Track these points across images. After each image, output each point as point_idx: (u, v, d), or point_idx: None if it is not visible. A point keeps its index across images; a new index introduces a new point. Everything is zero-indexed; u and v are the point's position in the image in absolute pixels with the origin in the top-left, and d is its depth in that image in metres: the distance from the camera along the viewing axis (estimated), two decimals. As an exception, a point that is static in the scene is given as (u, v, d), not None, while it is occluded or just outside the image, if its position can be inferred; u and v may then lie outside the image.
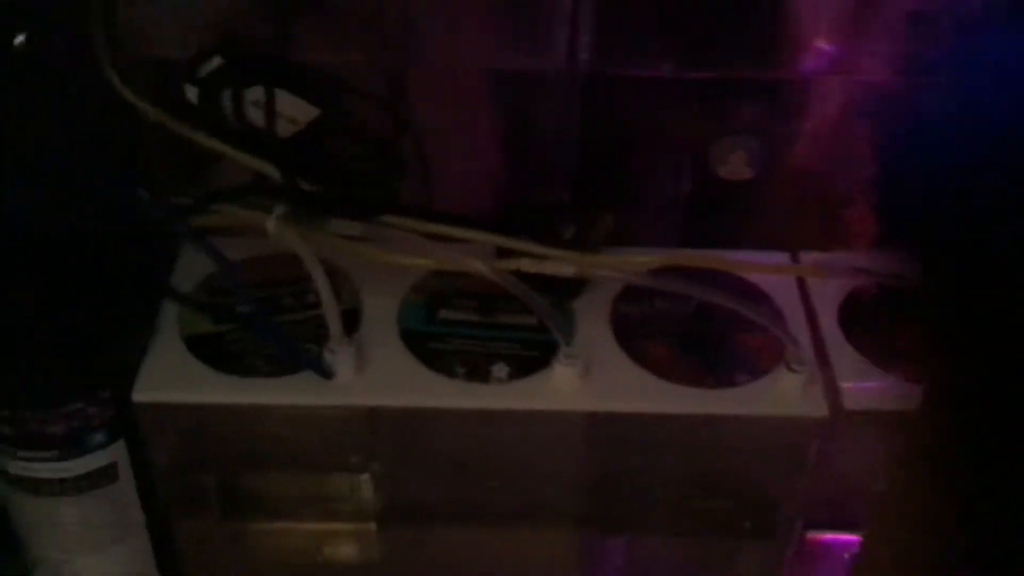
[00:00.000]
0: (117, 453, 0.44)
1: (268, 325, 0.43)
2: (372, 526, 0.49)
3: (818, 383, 0.44)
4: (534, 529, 0.49)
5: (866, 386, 0.45)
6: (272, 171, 0.42)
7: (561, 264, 0.43)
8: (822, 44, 0.45)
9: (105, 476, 0.44)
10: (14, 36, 0.41)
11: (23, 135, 0.43)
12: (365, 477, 0.47)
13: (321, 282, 0.42)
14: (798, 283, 0.49)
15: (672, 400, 0.44)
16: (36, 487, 0.44)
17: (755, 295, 0.48)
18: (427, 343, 0.45)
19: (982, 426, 0.31)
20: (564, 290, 0.46)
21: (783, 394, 0.44)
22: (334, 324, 0.42)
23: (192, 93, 0.42)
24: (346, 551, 0.50)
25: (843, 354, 0.46)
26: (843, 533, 0.49)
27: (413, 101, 0.45)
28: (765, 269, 0.48)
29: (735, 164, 0.48)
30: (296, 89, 0.41)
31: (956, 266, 0.32)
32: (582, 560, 0.50)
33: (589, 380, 0.44)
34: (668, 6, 0.43)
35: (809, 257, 0.49)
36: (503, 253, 0.46)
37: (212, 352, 0.44)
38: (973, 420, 0.32)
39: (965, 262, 0.31)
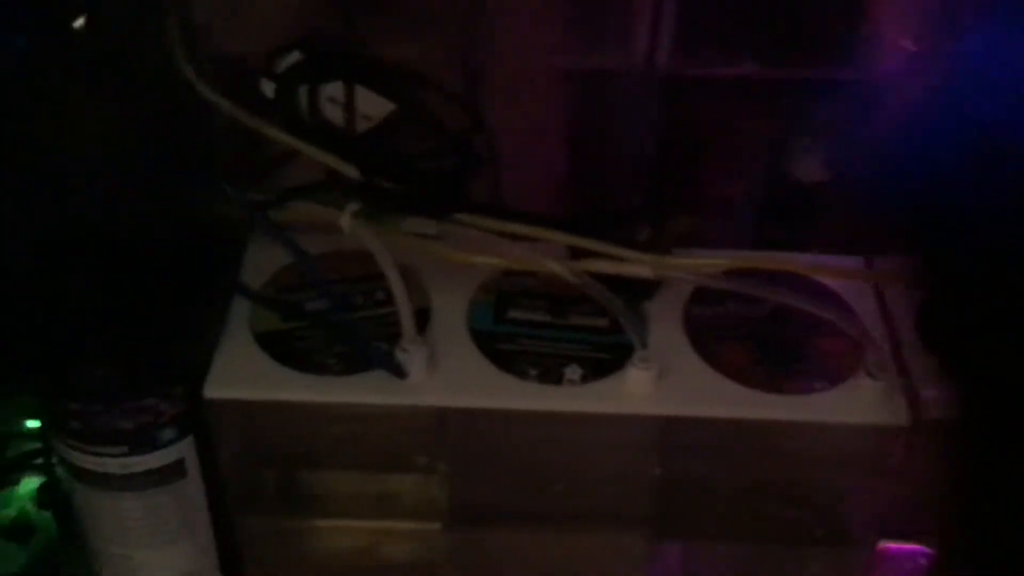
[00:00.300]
0: (185, 449, 0.44)
1: (346, 323, 0.42)
2: (436, 526, 0.48)
3: (898, 390, 0.43)
4: (600, 534, 0.48)
5: (945, 394, 0.44)
6: (345, 167, 0.42)
7: (638, 266, 0.42)
8: (906, 44, 0.44)
9: (173, 472, 0.44)
10: (74, 18, 0.41)
11: (94, 127, 0.43)
12: (431, 478, 0.46)
13: (395, 281, 0.42)
14: (874, 288, 0.48)
15: (750, 406, 0.43)
16: (104, 481, 0.44)
17: (832, 300, 0.47)
18: (497, 343, 0.45)
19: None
20: (636, 292, 0.46)
21: (863, 401, 0.43)
22: (407, 323, 0.42)
23: (268, 88, 0.42)
24: (409, 551, 0.50)
25: (921, 361, 0.45)
26: (916, 542, 0.48)
27: (488, 99, 0.44)
28: (842, 273, 0.47)
29: (811, 166, 0.47)
30: (371, 84, 0.41)
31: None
32: (648, 566, 0.49)
33: (664, 384, 0.43)
34: (750, 4, 0.42)
35: (885, 261, 0.48)
36: (575, 253, 0.45)
37: (281, 349, 0.44)
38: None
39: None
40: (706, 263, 0.44)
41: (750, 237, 0.48)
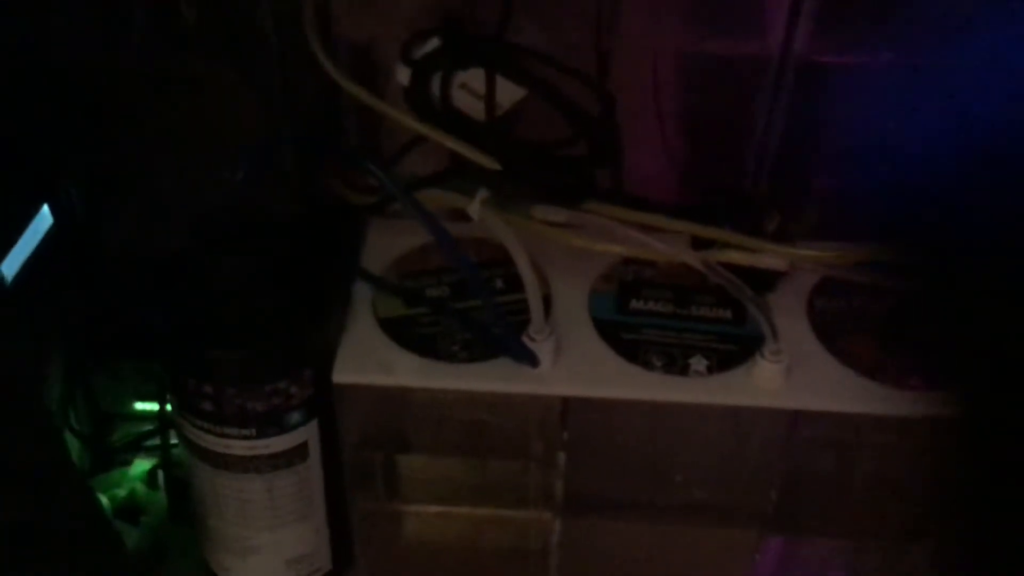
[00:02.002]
0: (310, 432, 0.44)
1: (491, 309, 0.41)
2: (548, 515, 0.48)
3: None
4: (713, 527, 0.48)
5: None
6: (478, 155, 0.42)
7: (772, 257, 0.42)
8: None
9: (297, 455, 0.45)
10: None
11: (227, 112, 0.43)
12: (546, 466, 0.46)
13: (525, 269, 0.41)
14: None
15: (881, 401, 0.42)
16: (228, 463, 0.44)
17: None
18: (620, 333, 0.45)
19: None
20: (760, 283, 0.45)
21: (996, 398, 0.42)
22: (536, 312, 0.42)
23: (404, 75, 0.41)
24: (519, 538, 0.50)
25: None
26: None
27: (614, 85, 0.44)
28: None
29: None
30: (511, 72, 0.41)
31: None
32: (761, 561, 0.49)
33: (793, 377, 0.43)
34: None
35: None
36: (698, 243, 0.45)
37: (405, 335, 0.44)
38: None
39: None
40: (837, 255, 0.44)
41: (872, 228, 0.47)
